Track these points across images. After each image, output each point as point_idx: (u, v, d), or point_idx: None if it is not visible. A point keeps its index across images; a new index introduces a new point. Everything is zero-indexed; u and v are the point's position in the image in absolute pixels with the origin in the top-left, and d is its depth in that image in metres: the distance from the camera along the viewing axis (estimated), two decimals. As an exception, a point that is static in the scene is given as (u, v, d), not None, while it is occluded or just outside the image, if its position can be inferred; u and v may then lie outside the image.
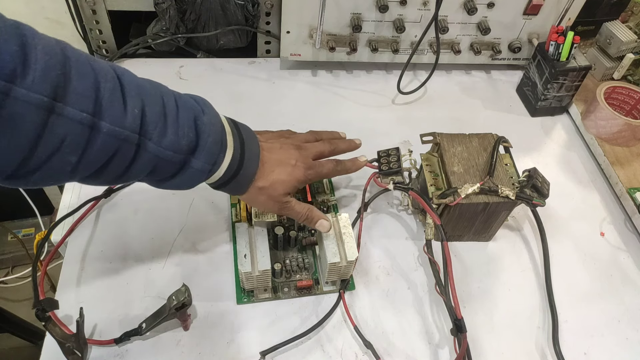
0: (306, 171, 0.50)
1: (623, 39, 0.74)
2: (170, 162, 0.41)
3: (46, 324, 0.45)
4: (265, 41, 0.80)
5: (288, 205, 0.50)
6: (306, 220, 0.51)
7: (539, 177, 0.54)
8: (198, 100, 0.45)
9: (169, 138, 0.40)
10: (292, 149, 0.51)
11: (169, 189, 0.45)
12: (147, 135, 0.39)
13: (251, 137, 0.48)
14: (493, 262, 0.58)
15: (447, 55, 0.78)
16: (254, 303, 0.52)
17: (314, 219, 0.51)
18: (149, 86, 0.41)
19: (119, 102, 0.37)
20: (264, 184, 0.47)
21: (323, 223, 0.51)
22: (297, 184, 0.49)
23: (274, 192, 0.48)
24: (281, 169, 0.48)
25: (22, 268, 1.24)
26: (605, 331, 0.54)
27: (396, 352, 0.50)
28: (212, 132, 0.43)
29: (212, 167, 0.43)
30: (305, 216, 0.51)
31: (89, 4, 0.72)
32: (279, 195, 0.48)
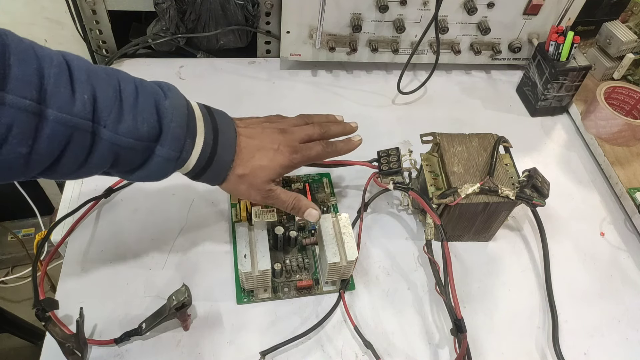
0: (291, 155, 0.47)
1: (623, 39, 0.74)
2: (133, 151, 0.39)
3: (46, 324, 0.45)
4: (265, 41, 0.80)
5: (273, 194, 0.48)
6: (293, 210, 0.49)
7: (539, 177, 0.54)
8: (162, 86, 0.43)
9: (126, 124, 0.38)
10: (275, 133, 0.48)
11: (140, 180, 0.43)
12: (101, 121, 0.37)
13: (227, 123, 0.46)
14: (493, 262, 0.58)
15: (447, 55, 0.78)
16: (254, 303, 0.52)
17: (301, 209, 0.49)
18: (102, 72, 0.39)
19: (65, 87, 0.35)
20: (243, 171, 0.45)
21: (312, 212, 0.49)
22: (281, 170, 0.47)
23: (255, 179, 0.46)
24: (262, 154, 0.46)
25: (22, 268, 1.24)
26: (605, 331, 0.54)
27: (396, 352, 0.50)
28: (176, 117, 0.41)
29: (179, 154, 0.42)
30: (292, 205, 0.49)
31: (89, 4, 0.72)
32: (262, 183, 0.46)
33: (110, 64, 0.75)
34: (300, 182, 0.62)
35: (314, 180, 0.63)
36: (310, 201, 0.50)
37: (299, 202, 0.49)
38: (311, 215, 0.49)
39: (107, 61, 0.75)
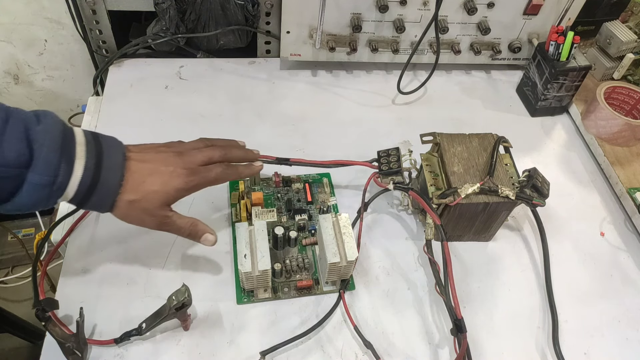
0: (187, 177, 0.46)
1: (623, 39, 0.74)
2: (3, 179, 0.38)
3: (46, 324, 0.46)
4: (265, 41, 0.80)
5: (168, 220, 0.46)
6: (190, 236, 0.49)
7: (539, 177, 0.54)
8: (39, 113, 0.42)
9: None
10: (171, 156, 0.47)
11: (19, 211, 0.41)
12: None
13: (114, 147, 0.44)
14: (493, 262, 0.58)
15: (447, 55, 0.78)
16: (254, 303, 0.52)
17: (198, 233, 0.48)
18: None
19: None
20: (134, 197, 0.44)
21: (208, 237, 0.49)
22: (176, 194, 0.46)
23: (148, 204, 0.44)
24: (154, 178, 0.44)
25: (22, 268, 1.24)
26: (605, 331, 0.54)
27: (396, 352, 0.50)
28: (47, 141, 0.39)
29: (53, 179, 0.40)
30: (188, 231, 0.48)
31: (89, 4, 0.72)
32: (155, 209, 0.45)
33: (110, 64, 0.75)
34: (300, 182, 0.62)
35: (314, 180, 0.63)
36: (207, 225, 0.49)
37: (195, 227, 0.48)
38: (207, 240, 0.49)
39: (107, 61, 0.75)
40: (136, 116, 0.69)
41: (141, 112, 0.70)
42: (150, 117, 0.69)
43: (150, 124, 0.68)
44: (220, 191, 0.61)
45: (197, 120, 0.70)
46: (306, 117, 0.72)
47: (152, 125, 0.68)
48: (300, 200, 0.61)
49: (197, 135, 0.67)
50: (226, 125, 0.69)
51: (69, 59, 0.88)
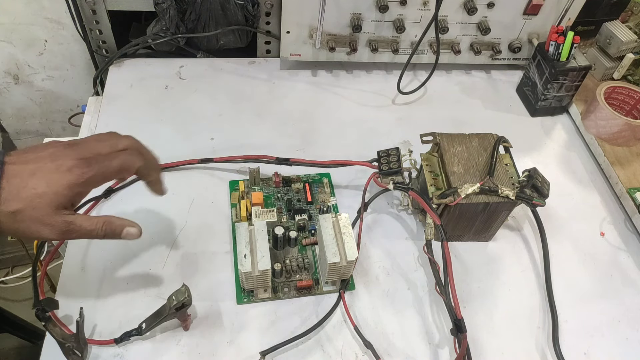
0: (81, 169, 0.38)
1: (623, 39, 0.74)
2: None
3: (46, 324, 0.45)
4: (265, 41, 0.80)
5: (72, 226, 0.38)
6: (107, 236, 0.41)
7: (539, 177, 0.54)
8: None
9: None
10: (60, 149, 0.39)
11: None
12: None
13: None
14: (493, 262, 0.58)
15: (447, 55, 0.78)
16: (254, 303, 0.52)
17: (115, 231, 0.42)
18: None
19: None
20: (16, 207, 0.36)
21: (130, 231, 0.42)
22: (68, 192, 0.38)
23: (36, 212, 0.37)
24: (37, 179, 0.37)
25: (22, 268, 1.24)
26: (605, 331, 0.54)
27: (396, 352, 0.50)
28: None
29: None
30: (103, 231, 0.41)
31: (89, 4, 0.72)
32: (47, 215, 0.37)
33: (110, 64, 0.75)
34: (300, 182, 0.62)
35: (314, 180, 0.63)
36: (124, 219, 0.42)
37: (111, 225, 0.41)
38: (130, 234, 0.42)
39: (107, 61, 0.75)
40: (136, 116, 0.69)
41: (141, 112, 0.70)
42: (150, 117, 0.69)
43: (150, 124, 0.68)
44: (221, 191, 0.61)
45: (197, 120, 0.70)
46: (306, 117, 0.72)
47: (152, 125, 0.68)
48: (300, 200, 0.61)
49: (197, 135, 0.68)
50: (226, 125, 0.69)
51: (69, 59, 0.88)
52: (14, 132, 0.98)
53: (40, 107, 0.95)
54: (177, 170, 0.63)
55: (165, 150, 0.64)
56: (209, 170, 0.64)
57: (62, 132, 1.01)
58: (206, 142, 0.67)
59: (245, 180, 0.62)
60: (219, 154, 0.65)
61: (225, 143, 0.67)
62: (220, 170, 0.63)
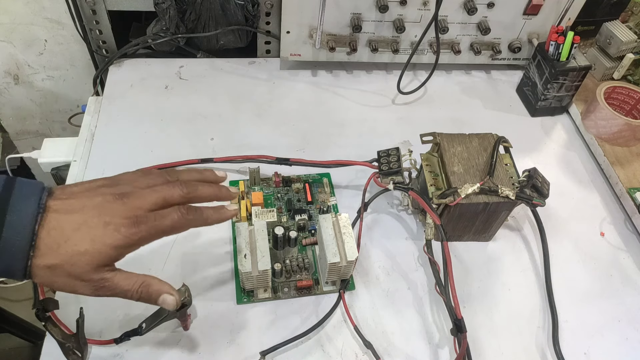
0: (129, 229, 0.36)
1: (623, 39, 0.74)
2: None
3: (46, 324, 0.45)
4: (265, 41, 0.80)
5: (108, 284, 0.36)
6: (141, 299, 0.39)
7: (539, 177, 0.54)
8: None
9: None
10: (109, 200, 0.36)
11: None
12: None
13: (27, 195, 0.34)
14: (493, 262, 0.58)
15: (447, 55, 0.78)
16: (254, 303, 0.52)
17: (152, 296, 0.39)
18: None
19: None
20: (53, 261, 0.34)
21: (167, 299, 0.39)
22: (113, 252, 0.36)
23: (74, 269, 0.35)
24: (82, 235, 0.35)
25: (22, 268, 1.24)
26: (605, 331, 0.54)
27: (396, 352, 0.50)
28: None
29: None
30: (139, 294, 0.38)
31: (89, 4, 0.72)
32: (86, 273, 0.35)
33: (110, 64, 0.75)
34: (300, 182, 0.62)
35: (314, 180, 0.63)
36: (164, 283, 0.39)
37: (148, 289, 0.38)
38: (167, 304, 0.39)
39: (107, 61, 0.75)
40: (136, 116, 0.69)
41: (141, 112, 0.70)
42: (150, 117, 0.69)
43: (150, 124, 0.68)
44: (220, 191, 0.61)
45: (197, 120, 0.70)
46: (306, 117, 0.72)
47: (152, 125, 0.68)
48: (300, 200, 0.61)
49: (197, 135, 0.68)
50: (226, 125, 0.69)
51: (69, 59, 0.88)
52: (13, 132, 0.98)
53: (40, 107, 0.95)
54: (177, 170, 0.63)
55: (166, 150, 0.64)
56: (209, 170, 0.64)
57: (62, 132, 1.01)
58: (206, 142, 0.67)
59: (245, 180, 0.62)
60: (219, 154, 0.65)
61: (225, 143, 0.67)
62: (220, 170, 0.63)
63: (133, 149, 0.64)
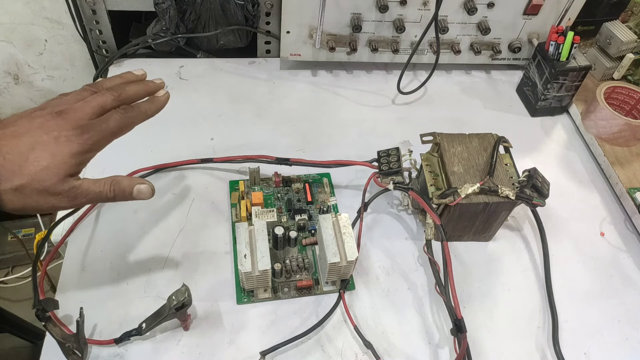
0: (80, 137, 0.38)
1: (623, 39, 0.74)
2: None
3: (46, 324, 0.45)
4: (265, 41, 0.80)
5: (79, 192, 0.39)
6: (117, 196, 0.41)
7: (539, 177, 0.54)
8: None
9: None
10: (49, 119, 0.38)
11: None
12: None
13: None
14: (493, 262, 0.58)
15: (447, 55, 0.78)
16: (254, 303, 0.52)
17: (125, 190, 0.41)
18: None
19: None
20: (20, 182, 0.36)
21: (140, 188, 0.41)
22: (73, 161, 0.38)
23: (42, 184, 0.37)
24: (38, 153, 0.37)
25: (22, 268, 1.24)
26: (605, 331, 0.54)
27: (396, 352, 0.50)
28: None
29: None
30: (112, 191, 0.41)
31: (89, 4, 0.72)
32: (54, 185, 0.37)
33: (110, 64, 0.75)
34: (300, 182, 0.62)
35: (314, 180, 0.63)
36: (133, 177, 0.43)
37: (119, 185, 0.41)
38: (142, 192, 0.42)
39: (107, 61, 0.75)
40: (136, 116, 0.69)
41: (141, 112, 0.70)
42: (150, 117, 0.69)
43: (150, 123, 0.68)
44: (220, 191, 0.61)
45: (197, 120, 0.70)
46: (306, 117, 0.72)
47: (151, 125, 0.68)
48: (300, 200, 0.61)
49: (197, 135, 0.68)
50: (226, 125, 0.69)
51: (69, 59, 0.88)
52: (14, 132, 0.98)
53: (40, 107, 0.95)
54: (177, 170, 0.63)
55: (166, 150, 0.64)
56: (209, 170, 0.64)
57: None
58: (206, 142, 0.67)
59: (245, 180, 0.62)
60: (219, 154, 0.65)
61: (225, 143, 0.67)
62: (220, 170, 0.64)
63: (133, 148, 0.64)
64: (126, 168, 0.60)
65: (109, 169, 0.60)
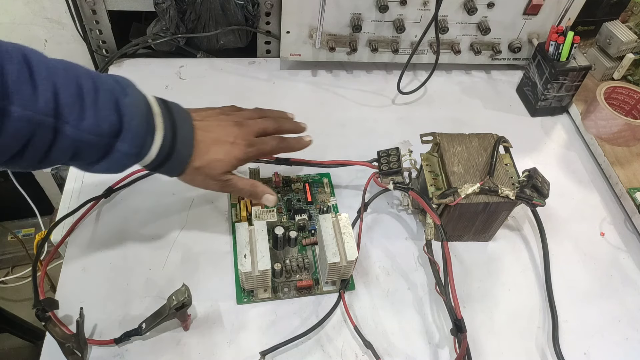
0: (246, 149, 0.49)
1: (623, 39, 0.74)
2: (94, 146, 0.40)
3: (46, 324, 0.46)
4: (265, 41, 0.80)
5: (230, 183, 0.49)
6: (251, 196, 0.52)
7: (539, 177, 0.54)
8: (120, 81, 0.43)
9: (88, 121, 0.39)
10: (231, 126, 0.50)
11: (98, 172, 0.44)
12: (63, 118, 0.37)
13: (184, 117, 0.47)
14: (493, 262, 0.58)
15: (447, 55, 0.78)
16: (254, 303, 0.52)
17: (258, 194, 0.51)
18: (61, 67, 0.39)
19: (27, 84, 0.36)
20: (200, 164, 0.47)
21: (268, 197, 0.51)
22: (236, 162, 0.49)
23: (211, 171, 0.48)
24: (218, 148, 0.48)
25: (22, 268, 1.24)
26: (605, 331, 0.54)
27: (396, 352, 0.50)
28: (136, 115, 0.42)
29: (140, 150, 0.43)
30: (249, 192, 0.51)
31: (89, 4, 0.72)
32: (217, 175, 0.48)
33: (110, 64, 0.75)
34: (300, 182, 0.62)
35: (314, 180, 0.63)
36: (266, 186, 0.52)
37: (256, 189, 0.51)
38: (268, 200, 0.51)
39: (107, 61, 0.75)
40: (136, 116, 0.69)
41: (141, 112, 0.70)
42: (150, 117, 0.69)
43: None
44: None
45: (197, 120, 0.70)
46: (306, 117, 0.72)
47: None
48: (300, 200, 0.61)
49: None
50: (226, 125, 0.69)
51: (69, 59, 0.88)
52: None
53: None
54: (177, 170, 0.63)
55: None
56: (209, 170, 0.63)
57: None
58: (206, 142, 0.67)
59: (245, 180, 0.61)
60: (219, 154, 0.64)
61: (225, 143, 0.67)
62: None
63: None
64: (126, 168, 0.60)
65: (109, 169, 0.61)
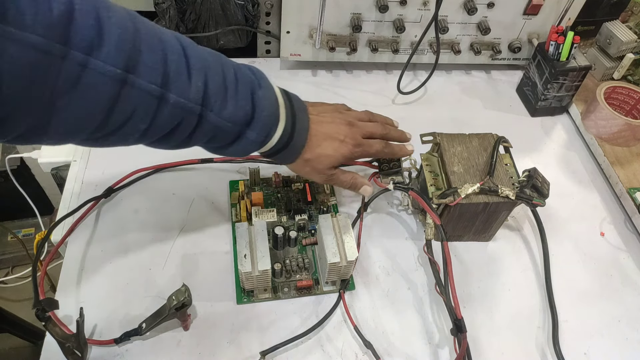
0: (354, 148, 0.51)
1: (623, 39, 0.74)
2: (228, 132, 0.43)
3: (46, 324, 0.45)
4: (265, 41, 0.80)
5: (334, 177, 0.52)
6: (350, 188, 0.54)
7: (539, 177, 0.54)
8: (255, 73, 0.46)
9: (229, 110, 0.42)
10: (343, 124, 0.51)
11: (223, 155, 0.47)
12: (209, 106, 0.41)
13: (302, 110, 0.49)
14: (493, 262, 0.58)
15: (447, 55, 0.78)
16: (254, 303, 0.52)
17: (357, 186, 0.54)
18: (211, 59, 0.43)
19: (184, 74, 0.39)
20: (310, 156, 0.49)
21: (367, 189, 0.54)
22: (342, 159, 0.51)
23: (319, 164, 0.50)
24: (328, 143, 0.50)
25: (22, 268, 1.24)
26: (605, 331, 0.54)
27: (396, 352, 0.50)
28: (267, 107, 0.45)
29: (264, 138, 0.45)
30: (349, 184, 0.54)
31: (89, 4, 0.72)
32: (324, 168, 0.50)
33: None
34: (300, 182, 0.62)
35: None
36: (364, 178, 0.55)
37: (356, 181, 0.54)
38: (365, 191, 0.54)
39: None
40: (136, 116, 0.69)
41: (141, 112, 0.70)
42: (150, 117, 0.69)
43: (150, 124, 0.68)
44: (221, 191, 0.61)
45: (197, 120, 0.70)
46: (306, 117, 0.72)
47: (152, 125, 0.68)
48: (300, 200, 0.61)
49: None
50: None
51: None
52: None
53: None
54: (177, 171, 0.63)
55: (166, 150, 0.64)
56: (209, 170, 0.64)
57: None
58: (206, 142, 0.67)
59: (245, 180, 0.62)
60: (219, 154, 0.64)
61: (225, 143, 0.67)
62: (220, 170, 0.63)
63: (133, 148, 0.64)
64: (127, 167, 0.60)
65: (110, 169, 0.61)
